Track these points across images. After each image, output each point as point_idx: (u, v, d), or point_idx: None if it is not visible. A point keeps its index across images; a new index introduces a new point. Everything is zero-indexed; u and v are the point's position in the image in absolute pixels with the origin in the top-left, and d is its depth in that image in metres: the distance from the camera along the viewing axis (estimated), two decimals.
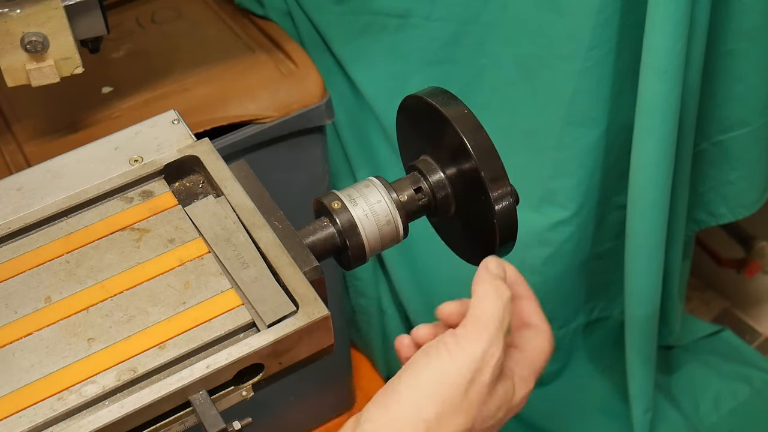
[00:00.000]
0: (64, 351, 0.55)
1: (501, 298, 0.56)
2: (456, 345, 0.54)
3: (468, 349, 0.53)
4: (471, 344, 0.53)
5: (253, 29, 1.18)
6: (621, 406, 1.41)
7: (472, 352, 0.53)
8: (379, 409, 0.53)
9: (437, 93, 0.64)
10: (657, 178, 1.10)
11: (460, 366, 0.53)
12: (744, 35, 1.09)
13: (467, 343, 0.53)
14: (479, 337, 0.54)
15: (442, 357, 0.53)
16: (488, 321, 0.54)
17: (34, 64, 0.85)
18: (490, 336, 0.54)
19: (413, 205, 0.65)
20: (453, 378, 0.53)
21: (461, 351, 0.53)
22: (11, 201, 0.63)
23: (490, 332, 0.54)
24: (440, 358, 0.54)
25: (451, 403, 0.52)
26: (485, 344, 0.53)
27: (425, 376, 0.53)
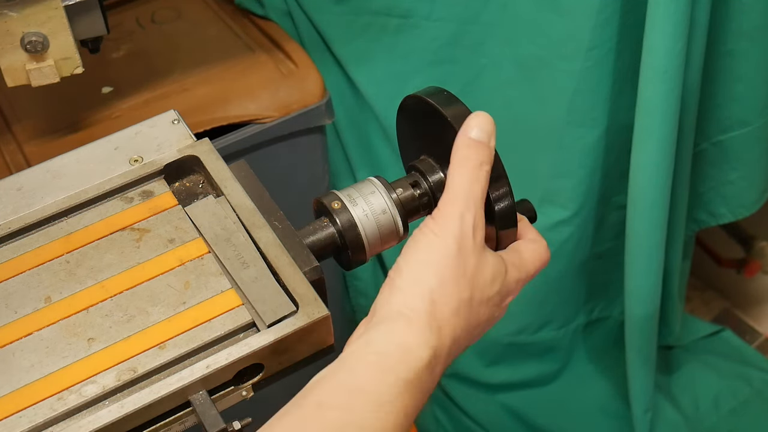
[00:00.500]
0: (64, 351, 0.55)
1: (468, 168, 0.59)
2: (434, 223, 0.58)
3: (446, 224, 0.57)
4: (446, 218, 0.58)
5: (253, 29, 1.18)
6: (621, 406, 1.41)
7: (450, 224, 0.57)
8: (386, 295, 0.57)
9: (437, 93, 0.64)
10: (657, 178, 1.10)
11: (444, 238, 0.57)
12: (744, 35, 1.09)
13: (442, 218, 0.58)
14: (452, 210, 0.58)
15: (427, 236, 0.58)
16: (456, 193, 0.58)
17: (34, 64, 0.85)
18: (460, 205, 0.58)
19: (413, 204, 0.65)
20: (442, 250, 0.57)
21: (440, 227, 0.57)
22: (11, 201, 0.63)
23: (459, 202, 0.58)
24: (426, 237, 0.58)
25: (447, 270, 0.56)
26: (458, 214, 0.58)
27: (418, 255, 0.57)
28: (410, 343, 0.54)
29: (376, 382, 0.52)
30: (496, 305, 0.60)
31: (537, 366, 1.44)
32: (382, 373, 0.52)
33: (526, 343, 1.40)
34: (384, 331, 0.54)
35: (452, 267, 0.56)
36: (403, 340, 0.54)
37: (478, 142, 0.60)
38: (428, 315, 0.55)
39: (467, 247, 0.57)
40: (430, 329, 0.55)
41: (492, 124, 0.61)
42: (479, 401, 1.43)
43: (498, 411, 1.43)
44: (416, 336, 0.54)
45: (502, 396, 1.44)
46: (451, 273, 0.56)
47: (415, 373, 0.53)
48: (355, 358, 0.54)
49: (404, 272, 0.57)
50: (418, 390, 0.54)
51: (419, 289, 0.56)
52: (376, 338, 0.54)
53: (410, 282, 0.56)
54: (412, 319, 0.55)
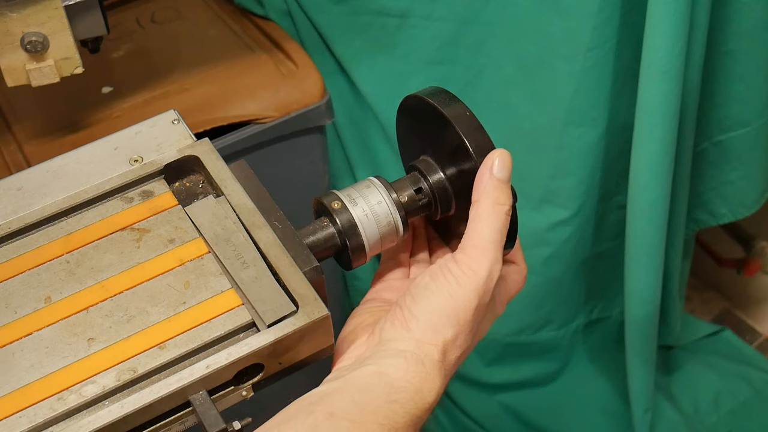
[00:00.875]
0: (64, 351, 0.55)
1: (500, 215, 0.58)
2: (460, 271, 0.57)
3: (472, 276, 0.57)
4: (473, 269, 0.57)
5: (253, 29, 1.18)
6: (621, 406, 1.41)
7: (477, 278, 0.57)
8: (399, 330, 0.57)
9: (437, 93, 0.64)
10: (657, 178, 1.10)
11: (467, 291, 0.57)
12: (744, 35, 1.09)
13: (469, 269, 0.57)
14: (480, 262, 0.57)
15: (451, 283, 0.57)
16: (487, 244, 0.57)
17: (34, 64, 0.85)
18: (491, 260, 0.57)
19: (413, 205, 0.65)
20: (462, 302, 0.56)
21: (465, 277, 0.57)
22: (11, 201, 0.63)
23: (490, 256, 0.57)
24: (449, 284, 0.57)
25: (464, 326, 0.57)
26: (487, 269, 0.57)
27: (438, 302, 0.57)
28: (422, 386, 0.55)
29: (388, 410, 0.54)
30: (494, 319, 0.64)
31: (537, 366, 1.44)
32: (393, 404, 0.54)
33: (526, 343, 1.40)
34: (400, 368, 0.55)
35: (470, 324, 0.57)
36: (416, 381, 0.55)
37: (504, 182, 0.59)
38: (440, 364, 0.56)
39: (485, 301, 0.58)
40: (440, 377, 0.56)
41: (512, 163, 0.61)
42: (479, 401, 1.44)
43: (498, 411, 1.43)
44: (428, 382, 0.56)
45: (502, 396, 1.44)
46: (466, 330, 0.57)
47: (422, 411, 0.55)
48: (367, 382, 0.55)
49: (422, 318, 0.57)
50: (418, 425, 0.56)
51: (435, 340, 0.56)
52: (391, 372, 0.55)
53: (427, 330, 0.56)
54: (426, 365, 0.56)
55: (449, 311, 0.57)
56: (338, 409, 0.53)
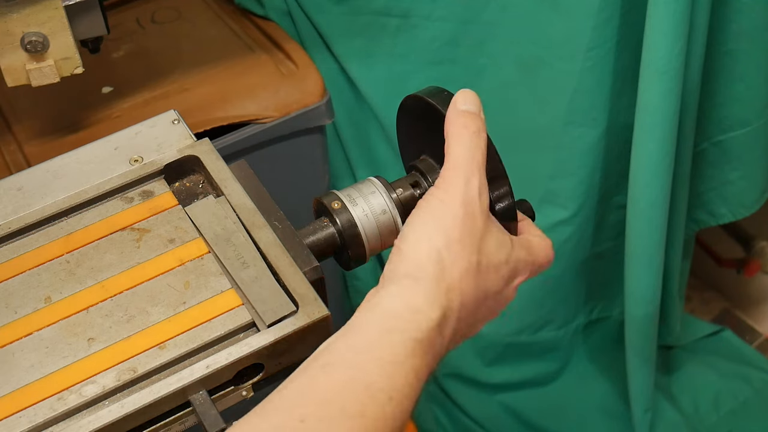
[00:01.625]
0: (64, 351, 0.55)
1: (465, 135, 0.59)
2: (438, 190, 0.57)
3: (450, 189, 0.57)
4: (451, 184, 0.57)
5: (253, 29, 1.18)
6: (621, 406, 1.41)
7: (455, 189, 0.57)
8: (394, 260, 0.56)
9: (437, 93, 0.64)
10: (657, 178, 1.10)
11: (450, 202, 0.57)
12: (744, 35, 1.09)
13: (447, 184, 0.57)
14: (455, 175, 0.57)
15: (432, 203, 0.57)
16: (457, 162, 0.58)
17: (34, 64, 0.85)
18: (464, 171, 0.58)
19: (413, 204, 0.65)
20: (448, 213, 0.56)
21: (445, 192, 0.57)
22: (11, 201, 0.63)
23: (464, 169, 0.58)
24: (430, 203, 0.57)
25: (454, 232, 0.56)
26: (462, 179, 0.57)
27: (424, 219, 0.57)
28: (419, 303, 0.53)
29: (384, 341, 0.51)
30: (504, 278, 0.59)
31: (537, 366, 1.44)
32: (389, 333, 0.52)
33: (526, 343, 1.40)
34: (392, 293, 0.54)
35: (459, 228, 0.56)
36: (412, 300, 0.53)
37: (471, 112, 0.60)
38: (436, 275, 0.54)
39: (474, 210, 0.57)
40: (439, 289, 0.54)
41: (478, 98, 0.62)
42: (479, 401, 1.43)
43: (498, 411, 1.43)
44: (425, 296, 0.53)
45: (501, 396, 1.44)
46: (458, 234, 0.56)
47: (425, 333, 0.52)
48: (361, 320, 0.53)
49: (410, 237, 0.56)
50: (428, 351, 0.52)
51: (426, 249, 0.55)
52: (384, 300, 0.53)
53: (417, 244, 0.55)
54: (420, 279, 0.54)
55: (435, 223, 0.56)
56: (332, 358, 0.51)
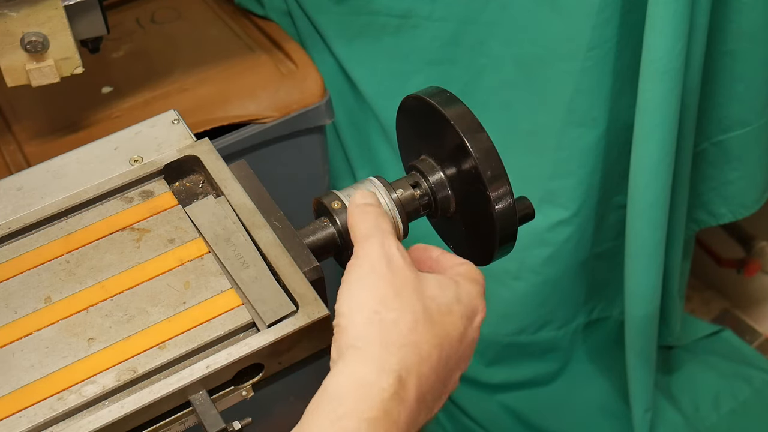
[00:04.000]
0: (64, 351, 0.55)
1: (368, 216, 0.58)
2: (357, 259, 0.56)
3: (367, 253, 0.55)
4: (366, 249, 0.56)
5: (253, 29, 1.18)
6: (621, 406, 1.41)
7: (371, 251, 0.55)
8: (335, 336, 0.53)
9: (437, 93, 0.64)
10: (657, 178, 1.10)
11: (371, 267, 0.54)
12: (744, 35, 1.09)
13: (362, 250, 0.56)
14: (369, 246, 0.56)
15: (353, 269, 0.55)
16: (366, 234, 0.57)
17: (34, 64, 0.85)
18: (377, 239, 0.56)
19: (413, 204, 0.65)
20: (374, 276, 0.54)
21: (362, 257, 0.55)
22: (11, 201, 0.63)
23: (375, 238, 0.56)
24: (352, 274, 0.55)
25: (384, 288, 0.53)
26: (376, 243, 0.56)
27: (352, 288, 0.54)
28: (365, 374, 0.49)
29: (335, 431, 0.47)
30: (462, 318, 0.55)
31: (537, 366, 1.44)
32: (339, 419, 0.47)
33: (526, 343, 1.40)
34: (336, 371, 0.50)
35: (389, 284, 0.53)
36: (357, 373, 0.49)
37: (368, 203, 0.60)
38: (380, 337, 0.50)
39: (397, 264, 0.54)
40: (387, 351, 0.50)
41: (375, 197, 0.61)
42: (479, 401, 1.44)
43: (498, 411, 1.43)
44: (371, 365, 0.49)
45: (502, 396, 1.44)
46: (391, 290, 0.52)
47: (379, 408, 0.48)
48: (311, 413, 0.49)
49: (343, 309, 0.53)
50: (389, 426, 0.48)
51: (361, 316, 0.51)
52: (330, 382, 0.50)
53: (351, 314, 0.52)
54: (362, 348, 0.50)
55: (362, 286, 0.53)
56: None
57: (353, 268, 0.55)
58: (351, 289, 0.54)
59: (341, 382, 0.49)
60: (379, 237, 0.56)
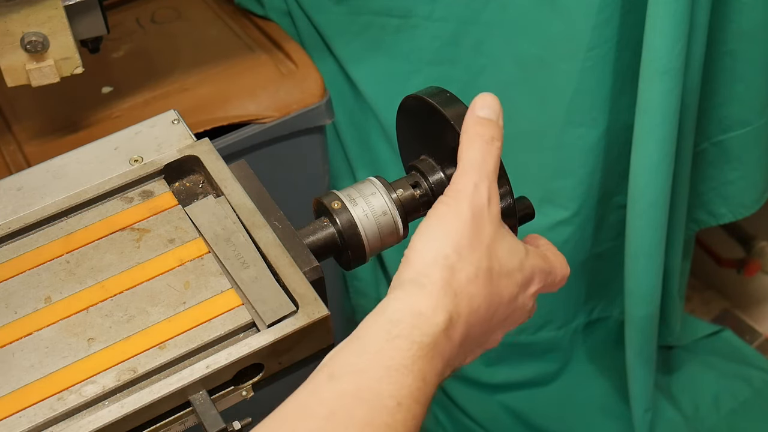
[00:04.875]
0: (64, 351, 0.55)
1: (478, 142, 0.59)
2: (447, 197, 0.57)
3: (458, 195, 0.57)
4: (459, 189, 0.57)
5: (253, 29, 1.18)
6: (621, 406, 1.41)
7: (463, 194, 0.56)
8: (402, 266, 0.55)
9: (437, 93, 0.64)
10: (657, 178, 1.10)
11: (457, 208, 0.56)
12: (744, 35, 1.09)
13: (455, 190, 0.57)
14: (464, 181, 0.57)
15: (440, 209, 0.57)
16: (468, 168, 0.58)
17: (34, 64, 0.85)
18: (473, 177, 0.57)
19: (413, 204, 0.65)
20: (456, 218, 0.56)
21: (453, 198, 0.57)
22: (11, 201, 0.63)
23: (473, 175, 0.57)
24: (438, 210, 0.57)
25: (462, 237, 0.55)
26: (471, 184, 0.57)
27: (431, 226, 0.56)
28: (423, 307, 0.52)
29: (389, 347, 0.51)
30: (518, 285, 0.58)
31: (537, 366, 1.44)
32: (394, 339, 0.51)
33: (526, 343, 1.40)
34: (395, 298, 0.53)
35: (467, 234, 0.55)
36: (416, 305, 0.52)
37: (487, 119, 0.60)
38: (443, 280, 0.53)
39: (482, 215, 0.56)
40: (445, 294, 0.53)
41: (499, 103, 0.61)
42: (479, 401, 1.43)
43: (498, 411, 1.43)
44: (429, 300, 0.53)
45: (502, 396, 1.44)
46: (466, 240, 0.55)
47: (430, 337, 0.52)
48: (366, 327, 0.52)
49: (417, 244, 0.55)
50: (435, 355, 0.52)
51: (432, 255, 0.54)
52: (388, 306, 0.53)
53: (423, 250, 0.55)
54: (425, 284, 0.53)
55: (442, 228, 0.55)
56: (338, 368, 0.51)
57: (442, 205, 0.57)
58: (431, 225, 0.56)
59: (399, 307, 0.53)
60: (475, 177, 0.57)
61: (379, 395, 0.49)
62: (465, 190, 0.56)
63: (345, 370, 0.50)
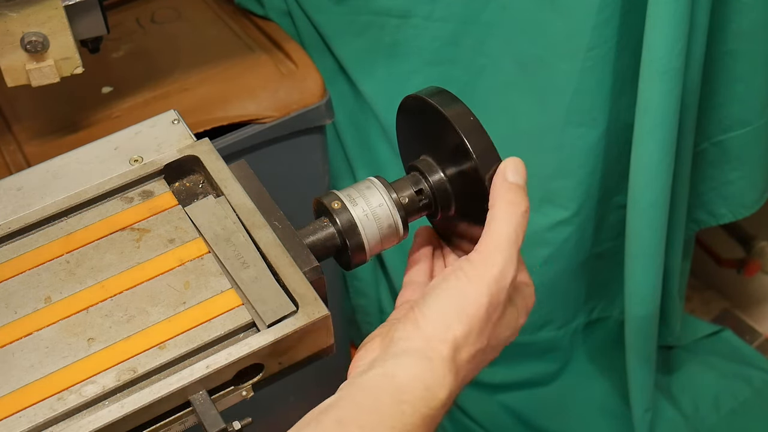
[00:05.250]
0: (64, 351, 0.55)
1: (515, 215, 0.59)
2: (472, 270, 0.57)
3: (484, 274, 0.57)
4: (486, 267, 0.57)
5: (253, 29, 1.18)
6: (621, 406, 1.41)
7: (488, 276, 0.57)
8: (410, 329, 0.56)
9: (437, 93, 0.64)
10: (657, 178, 1.10)
11: (477, 287, 0.56)
12: (744, 35, 1.09)
13: (483, 265, 0.57)
14: (493, 259, 0.57)
15: (461, 280, 0.57)
16: (500, 243, 0.57)
17: (34, 64, 0.85)
18: (504, 258, 0.57)
19: (413, 205, 0.65)
20: (473, 298, 0.56)
21: (476, 274, 0.57)
22: (11, 201, 0.63)
23: (503, 255, 0.57)
24: (459, 281, 0.57)
25: (475, 322, 0.56)
26: (499, 265, 0.57)
27: (448, 299, 0.57)
28: (430, 382, 0.55)
29: (397, 411, 0.53)
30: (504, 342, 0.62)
31: (537, 366, 1.44)
32: (402, 404, 0.53)
33: (526, 343, 1.40)
34: (407, 366, 0.55)
35: (481, 321, 0.57)
36: (424, 378, 0.55)
37: (519, 186, 0.60)
38: (450, 361, 0.56)
39: (500, 299, 0.57)
40: (449, 371, 0.56)
41: (525, 169, 0.61)
42: (479, 401, 1.44)
43: (498, 411, 1.43)
44: (437, 378, 0.55)
45: (502, 396, 1.44)
46: (478, 327, 0.57)
47: (433, 410, 0.55)
48: (375, 385, 0.54)
49: (431, 315, 0.57)
50: (433, 423, 0.55)
51: (444, 336, 0.56)
52: (398, 372, 0.55)
53: (436, 326, 0.56)
54: (435, 361, 0.55)
55: (459, 308, 0.56)
56: (346, 416, 0.52)
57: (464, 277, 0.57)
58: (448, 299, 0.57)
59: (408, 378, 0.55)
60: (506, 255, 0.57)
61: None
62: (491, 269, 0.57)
63: (353, 419, 0.52)
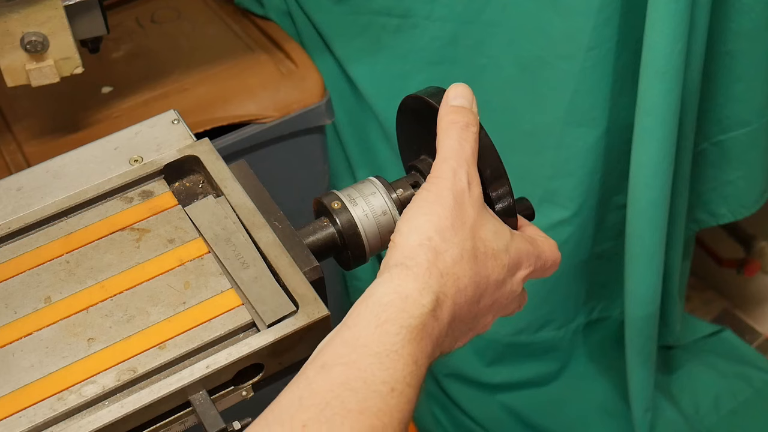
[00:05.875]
0: (64, 351, 0.55)
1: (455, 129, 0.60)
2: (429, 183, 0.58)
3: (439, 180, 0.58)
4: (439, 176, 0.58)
5: (253, 29, 1.18)
6: (621, 406, 1.41)
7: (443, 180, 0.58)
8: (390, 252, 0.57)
9: (437, 93, 0.64)
10: (657, 178, 1.10)
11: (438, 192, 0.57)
12: (744, 35, 1.09)
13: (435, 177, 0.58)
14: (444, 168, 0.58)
15: (422, 194, 0.58)
16: (446, 154, 0.59)
17: (34, 64, 0.85)
18: (452, 163, 0.58)
19: None
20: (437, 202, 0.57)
21: (434, 184, 0.58)
22: (11, 201, 0.63)
23: (450, 161, 0.58)
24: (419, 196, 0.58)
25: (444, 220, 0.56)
26: (450, 171, 0.58)
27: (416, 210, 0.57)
28: (409, 289, 0.53)
29: (378, 333, 0.51)
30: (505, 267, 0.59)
31: (537, 366, 1.44)
32: (382, 324, 0.52)
33: (526, 343, 1.40)
34: (382, 282, 0.54)
35: (450, 217, 0.56)
36: (402, 287, 0.53)
37: (461, 107, 0.61)
38: (428, 261, 0.54)
39: (463, 199, 0.57)
40: (431, 275, 0.54)
41: (471, 91, 0.62)
42: (479, 401, 1.43)
43: (498, 411, 1.43)
44: (415, 283, 0.53)
45: (502, 396, 1.44)
46: (449, 222, 0.56)
47: (417, 319, 0.52)
48: (355, 314, 0.53)
49: (402, 230, 0.56)
50: (424, 337, 0.53)
51: (416, 239, 0.55)
52: (375, 290, 0.54)
53: (409, 234, 0.56)
54: (411, 267, 0.54)
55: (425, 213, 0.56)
56: (329, 357, 0.51)
57: (424, 191, 0.58)
58: (414, 211, 0.57)
59: (386, 291, 0.53)
60: (453, 163, 0.58)
61: (371, 382, 0.50)
62: (445, 176, 0.58)
63: (336, 359, 0.51)
